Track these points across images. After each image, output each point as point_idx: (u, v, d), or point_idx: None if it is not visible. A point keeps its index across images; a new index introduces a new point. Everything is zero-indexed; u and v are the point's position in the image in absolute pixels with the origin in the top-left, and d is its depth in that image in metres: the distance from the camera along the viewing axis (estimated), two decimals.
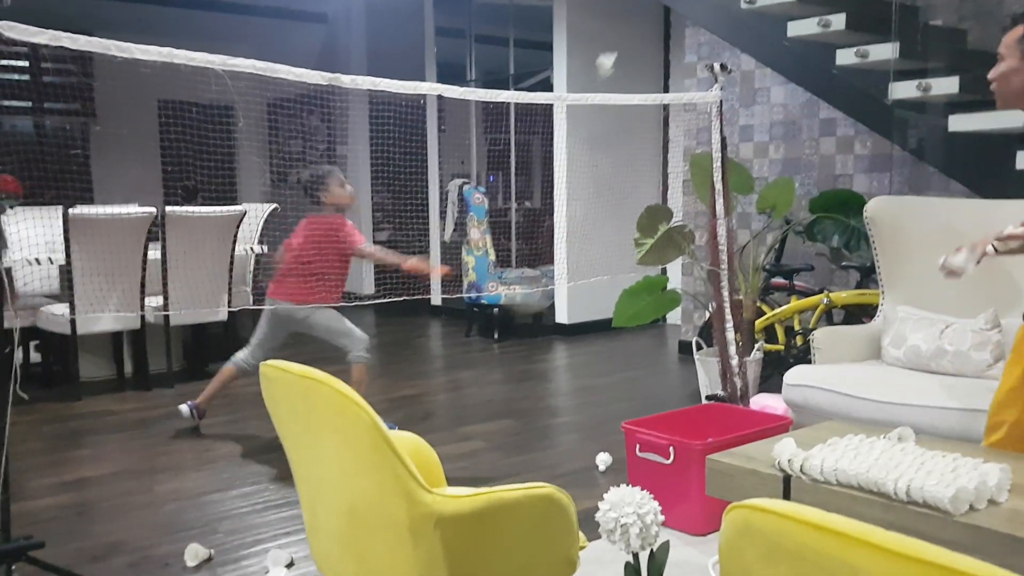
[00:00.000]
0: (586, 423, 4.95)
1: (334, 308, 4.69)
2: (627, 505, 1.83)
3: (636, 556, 1.92)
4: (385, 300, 5.32)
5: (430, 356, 7.26)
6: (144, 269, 5.61)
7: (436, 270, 5.01)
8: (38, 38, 2.54)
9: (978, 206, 3.90)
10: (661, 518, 1.88)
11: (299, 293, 4.57)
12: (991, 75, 2.58)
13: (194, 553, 3.14)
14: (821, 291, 5.28)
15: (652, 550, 1.94)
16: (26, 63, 9.29)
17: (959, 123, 4.13)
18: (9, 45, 2.54)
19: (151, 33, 5.24)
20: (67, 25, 2.77)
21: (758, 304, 5.28)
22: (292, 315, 4.61)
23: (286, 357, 2.24)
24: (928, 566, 0.93)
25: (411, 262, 4.62)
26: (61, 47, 2.60)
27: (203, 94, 3.75)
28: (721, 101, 4.39)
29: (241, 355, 4.73)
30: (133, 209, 5.64)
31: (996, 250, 2.46)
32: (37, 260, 5.44)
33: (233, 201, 6.80)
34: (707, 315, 5.31)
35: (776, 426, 3.41)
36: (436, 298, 8.85)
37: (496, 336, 7.50)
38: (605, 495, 1.89)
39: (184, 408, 4.78)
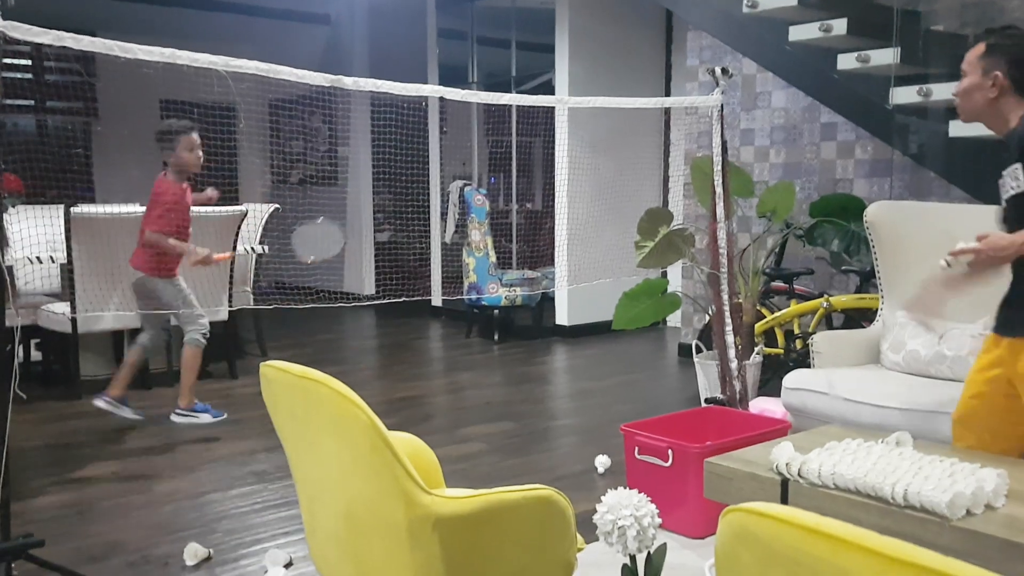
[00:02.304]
0: (585, 425, 4.96)
1: (180, 284, 4.72)
2: (624, 508, 1.83)
3: (633, 558, 1.93)
4: (385, 301, 5.32)
5: (430, 357, 7.27)
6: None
7: (220, 256, 4.78)
8: (41, 38, 2.55)
9: (978, 212, 3.90)
10: (658, 521, 1.89)
11: (142, 263, 4.64)
12: (954, 91, 2.67)
13: (193, 552, 3.15)
14: (821, 295, 5.29)
15: (649, 553, 1.95)
16: (29, 62, 9.30)
17: (960, 129, 4.13)
18: (13, 44, 2.55)
19: (154, 33, 5.25)
20: (70, 25, 2.78)
21: (758, 308, 5.28)
22: (143, 283, 4.67)
23: (286, 358, 2.25)
24: (922, 571, 0.94)
25: (198, 252, 4.58)
26: (64, 47, 2.61)
27: (205, 95, 3.76)
28: (722, 105, 4.39)
29: (140, 337, 4.86)
30: (134, 208, 5.64)
31: (948, 264, 2.47)
32: (38, 259, 5.45)
33: (234, 201, 6.80)
34: (707, 318, 5.32)
35: (775, 430, 3.41)
36: (436, 299, 8.86)
37: (496, 338, 7.51)
38: (603, 497, 1.90)
39: (99, 402, 4.74)
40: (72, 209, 5.31)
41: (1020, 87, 2.53)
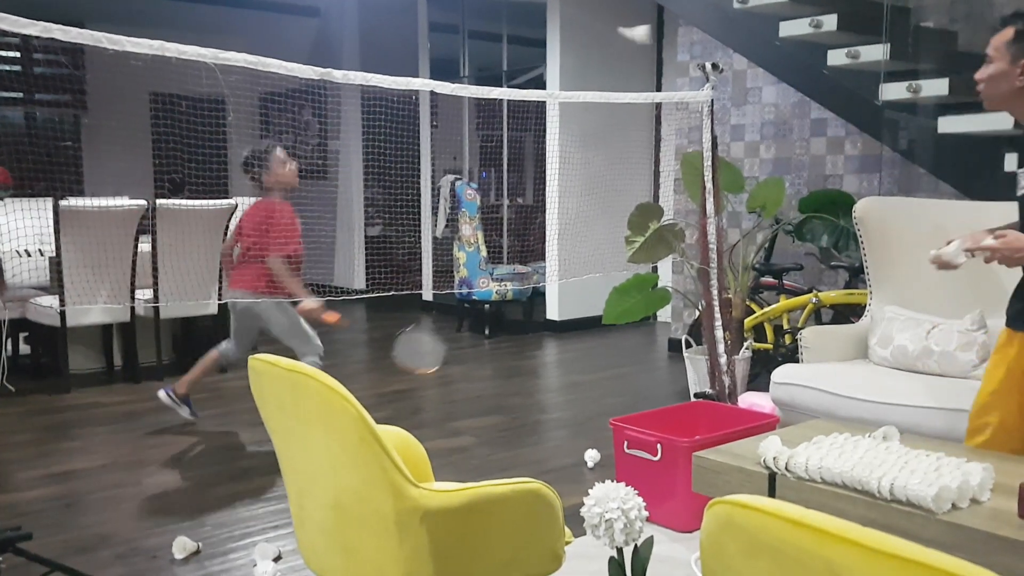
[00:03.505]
0: (575, 420, 4.97)
1: (291, 306, 4.45)
2: (612, 500, 1.84)
3: (620, 551, 1.93)
4: (375, 295, 5.31)
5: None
6: (134, 262, 5.60)
7: (329, 316, 4.38)
8: (29, 29, 2.54)
9: (966, 207, 3.92)
10: (645, 514, 1.90)
11: (251, 283, 4.37)
12: (978, 76, 2.57)
13: (182, 546, 3.15)
14: (810, 290, 5.30)
15: (636, 545, 1.95)
16: (17, 54, 9.25)
17: (948, 125, 4.15)
18: (1, 36, 2.54)
19: (143, 26, 5.23)
20: (59, 17, 2.76)
21: (747, 303, 5.30)
22: (249, 308, 4.40)
23: (277, 352, 2.25)
24: (904, 562, 0.95)
25: (308, 304, 4.31)
26: (52, 38, 2.60)
27: (195, 87, 3.74)
28: (712, 100, 4.40)
29: (224, 344, 4.68)
30: (124, 201, 5.63)
31: (971, 254, 2.44)
32: (27, 251, 5.43)
33: (224, 195, 6.78)
34: (697, 313, 5.33)
35: (763, 424, 3.42)
36: (427, 293, 8.86)
37: (487, 332, 7.51)
38: (590, 490, 1.91)
39: (160, 393, 4.68)
40: (60, 202, 5.29)
41: None
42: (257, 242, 4.34)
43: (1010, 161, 3.93)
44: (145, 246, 5.65)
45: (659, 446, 3.30)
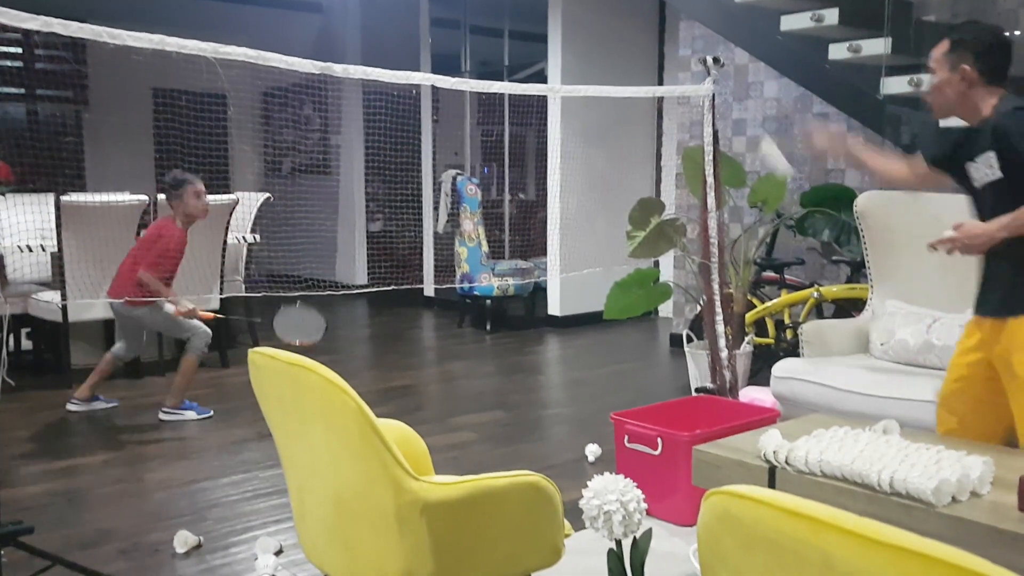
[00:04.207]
0: (576, 415, 4.97)
1: (165, 310, 4.82)
2: (610, 493, 1.84)
3: (619, 543, 1.94)
4: (377, 290, 5.31)
5: (422, 347, 7.28)
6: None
7: (204, 314, 4.85)
8: (30, 24, 2.54)
9: (968, 202, 3.91)
10: (644, 506, 1.90)
11: (125, 291, 4.71)
12: (924, 89, 2.80)
13: (183, 540, 3.16)
14: (811, 285, 5.30)
15: (635, 538, 1.96)
16: (19, 49, 9.25)
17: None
18: (1, 31, 2.54)
19: (146, 21, 5.23)
20: (60, 11, 2.76)
21: (749, 298, 5.30)
22: (126, 311, 4.79)
23: (275, 347, 2.25)
24: (899, 551, 0.95)
25: (183, 306, 4.75)
26: (53, 33, 2.60)
27: (197, 82, 3.75)
28: (714, 95, 4.39)
29: (116, 346, 4.98)
30: (125, 197, 5.63)
31: (934, 249, 2.60)
32: (28, 247, 5.43)
33: (226, 190, 6.79)
34: (698, 308, 5.33)
35: (763, 418, 3.43)
36: (428, 289, 8.86)
37: (488, 327, 7.51)
38: (589, 483, 1.91)
39: (69, 406, 4.94)
40: (62, 197, 5.29)
41: (988, 77, 2.61)
42: (139, 256, 4.75)
43: None
44: None
45: (660, 440, 3.30)
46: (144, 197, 5.63)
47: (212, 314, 4.92)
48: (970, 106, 2.65)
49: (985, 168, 2.58)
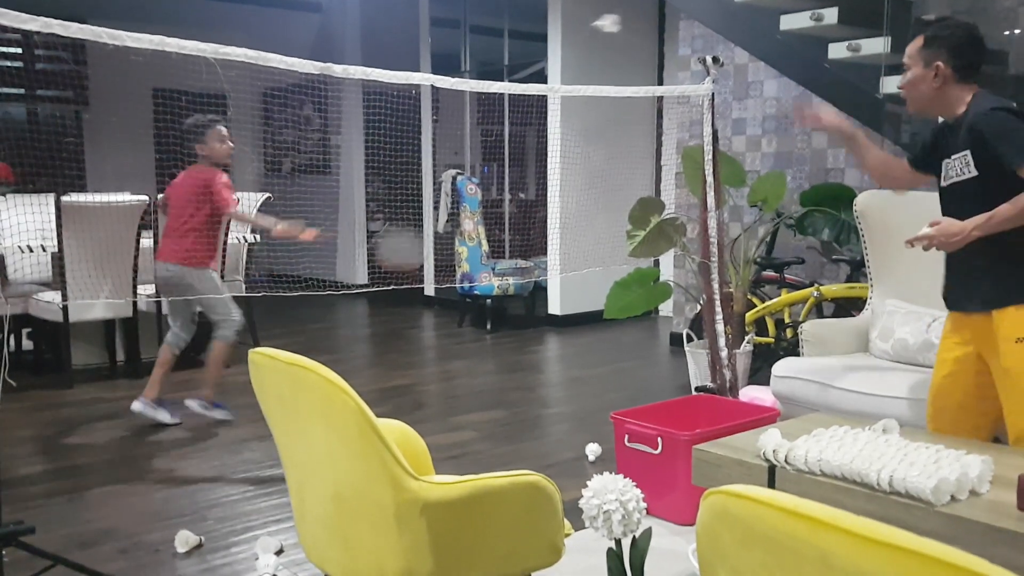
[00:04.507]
0: (576, 414, 4.97)
1: (216, 277, 4.67)
2: (610, 492, 1.85)
3: (618, 542, 1.94)
4: (377, 289, 5.32)
5: (422, 346, 7.28)
6: (136, 257, 5.62)
7: (307, 234, 4.59)
8: (30, 25, 2.54)
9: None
10: (643, 506, 1.91)
11: (176, 254, 4.56)
12: (899, 84, 2.79)
13: (184, 540, 3.16)
14: (811, 284, 5.31)
15: (634, 537, 1.96)
16: (19, 50, 9.25)
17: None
18: (2, 31, 2.54)
19: (145, 21, 5.23)
20: (60, 12, 2.77)
21: (749, 297, 5.30)
22: (173, 278, 4.60)
23: (279, 347, 2.26)
24: (896, 550, 0.95)
25: (281, 226, 4.50)
26: (53, 34, 2.60)
27: (197, 83, 3.75)
28: (713, 94, 4.40)
29: (168, 335, 4.80)
30: (126, 197, 5.64)
31: (911, 245, 2.62)
32: (29, 247, 5.44)
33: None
34: (698, 307, 5.33)
35: (763, 417, 3.43)
36: (429, 288, 8.87)
37: (488, 327, 7.52)
38: (589, 482, 1.92)
39: (136, 404, 4.68)
40: (63, 197, 5.30)
41: (962, 74, 2.64)
42: (195, 213, 4.56)
43: None
44: (147, 241, 5.66)
45: (660, 439, 3.30)
46: (144, 197, 5.63)
47: (314, 232, 4.55)
48: (944, 102, 2.67)
49: (961, 166, 2.60)
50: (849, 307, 5.06)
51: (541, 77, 7.81)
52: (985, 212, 2.49)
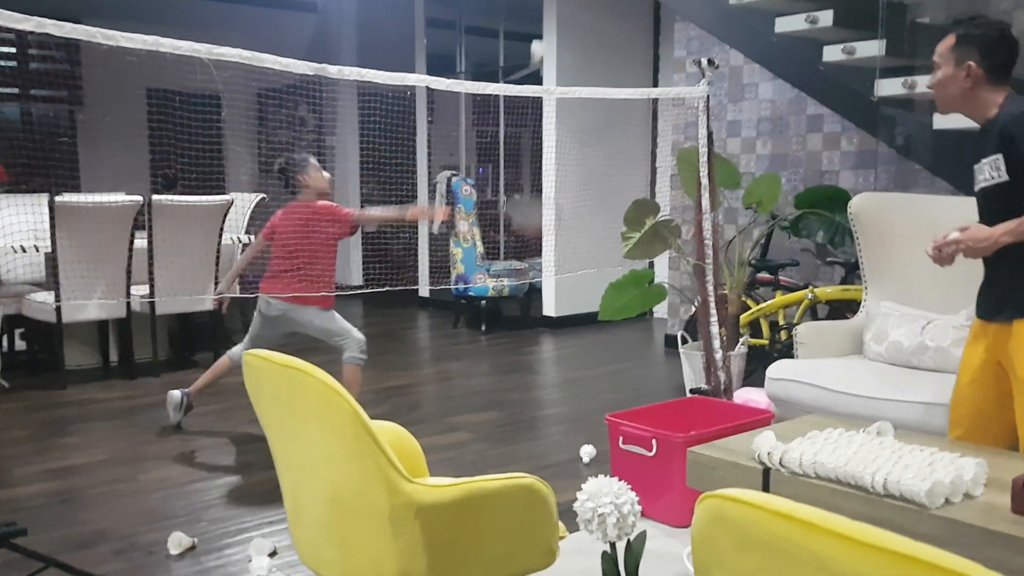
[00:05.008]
0: (571, 415, 4.97)
1: (335, 317, 4.52)
2: (605, 495, 1.84)
3: (613, 546, 1.94)
4: (372, 290, 5.31)
5: (417, 347, 7.27)
6: (130, 257, 5.60)
7: (439, 213, 4.85)
8: (24, 25, 2.54)
9: (962, 203, 3.92)
10: (638, 508, 1.90)
11: (292, 290, 4.38)
12: (929, 83, 2.72)
13: (178, 541, 3.15)
14: (806, 286, 5.31)
15: (629, 540, 1.96)
16: (13, 49, 9.23)
17: (944, 120, 4.15)
18: None
19: (140, 21, 5.22)
20: (55, 12, 2.76)
21: (743, 299, 5.31)
22: (286, 314, 4.42)
23: (274, 348, 2.25)
24: (892, 555, 0.95)
25: (413, 211, 4.57)
26: (47, 33, 2.60)
27: (191, 83, 3.74)
28: (708, 96, 4.40)
29: (236, 349, 4.64)
30: (120, 197, 5.63)
31: (939, 251, 2.59)
32: (22, 248, 5.42)
33: (220, 190, 6.77)
34: (693, 309, 5.33)
35: (758, 420, 3.43)
36: (424, 290, 8.86)
37: (483, 328, 7.51)
38: (584, 485, 1.91)
39: (176, 393, 4.62)
40: (56, 198, 5.28)
41: (994, 75, 2.59)
42: (302, 245, 4.39)
43: None
44: (141, 242, 5.65)
45: (654, 441, 3.30)
46: (138, 198, 5.62)
47: (446, 210, 4.92)
48: (975, 104, 2.62)
49: (991, 171, 2.55)
50: (843, 309, 5.06)
51: (536, 79, 7.81)
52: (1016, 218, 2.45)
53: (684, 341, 5.27)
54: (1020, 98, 2.59)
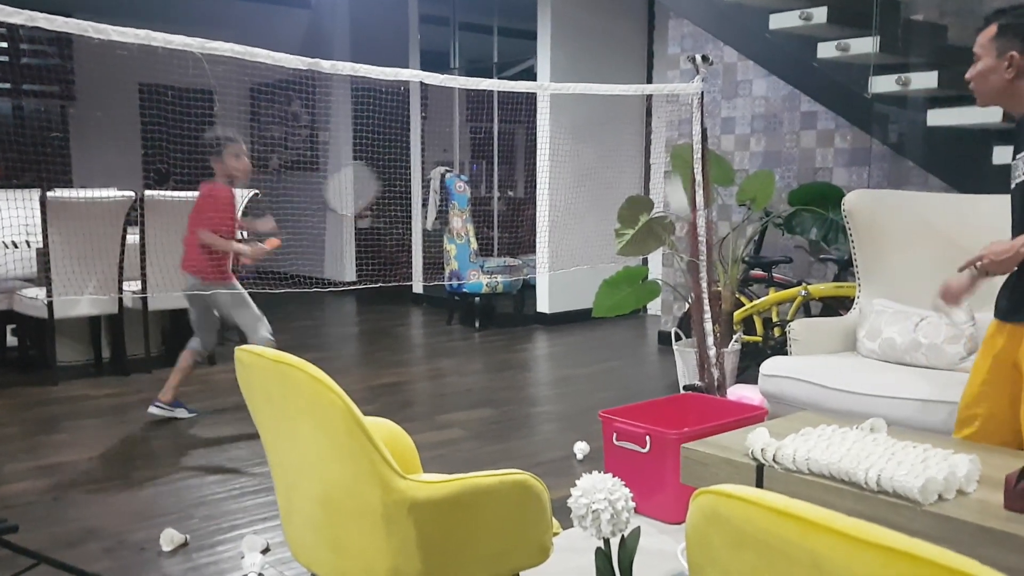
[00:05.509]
0: (565, 412, 4.97)
1: (236, 287, 4.67)
2: (599, 491, 1.84)
3: (607, 542, 1.94)
4: (365, 287, 5.30)
5: (411, 344, 7.26)
6: (122, 253, 5.58)
7: (269, 243, 4.71)
8: (15, 19, 2.52)
9: (955, 201, 3.93)
10: (632, 505, 1.90)
11: (198, 265, 4.60)
12: (969, 75, 2.63)
13: (169, 538, 3.14)
14: (799, 283, 5.32)
15: (623, 536, 1.96)
16: (4, 44, 9.19)
17: (938, 118, 4.16)
18: None
19: (133, 16, 5.20)
20: (45, 6, 2.74)
21: (737, 296, 5.31)
22: (194, 288, 4.62)
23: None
24: (888, 552, 0.95)
25: (249, 250, 4.63)
26: (39, 28, 2.58)
27: (183, 78, 3.73)
28: (702, 93, 4.40)
29: (192, 340, 4.77)
30: (112, 193, 5.60)
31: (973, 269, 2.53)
32: (14, 243, 5.39)
33: None
34: (686, 306, 5.33)
35: (751, 416, 3.43)
36: (417, 286, 8.85)
37: (477, 325, 7.51)
38: (577, 482, 1.91)
39: (154, 411, 4.71)
40: (48, 193, 5.26)
41: None
42: (194, 222, 4.61)
43: (999, 154, 3.94)
44: (133, 237, 5.62)
45: (648, 438, 3.30)
46: (131, 193, 5.60)
47: (277, 242, 4.76)
48: (1016, 96, 2.55)
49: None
50: (837, 306, 5.07)
51: (530, 75, 7.80)
52: None
53: (678, 338, 5.27)
54: None
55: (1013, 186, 2.58)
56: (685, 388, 4.93)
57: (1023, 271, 2.57)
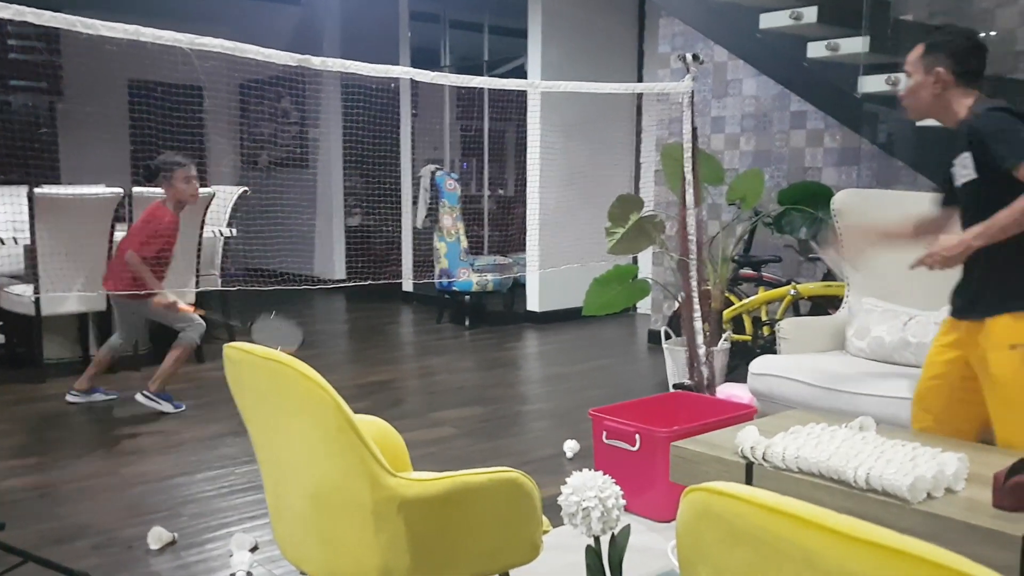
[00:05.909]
0: (555, 410, 4.97)
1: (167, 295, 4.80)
2: (589, 489, 1.84)
3: (597, 540, 1.94)
4: (355, 284, 5.29)
5: (401, 342, 7.25)
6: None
7: (184, 307, 4.85)
8: (2, 13, 2.50)
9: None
10: (622, 503, 1.90)
11: (119, 286, 4.73)
12: (900, 93, 2.80)
13: (158, 536, 3.13)
14: (788, 282, 5.33)
15: (613, 534, 1.96)
16: None
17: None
18: None
19: (122, 12, 5.17)
20: (35, 1, 2.72)
21: (726, 294, 5.32)
22: (122, 306, 4.82)
23: (252, 341, 2.23)
24: (880, 549, 0.95)
25: (162, 298, 4.71)
26: (26, 23, 2.56)
27: (173, 74, 3.71)
28: (693, 92, 4.41)
29: (112, 338, 4.94)
30: (100, 189, 5.57)
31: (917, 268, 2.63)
32: (1, 240, 5.36)
33: (202, 183, 6.72)
34: (676, 305, 5.34)
35: (741, 414, 3.44)
36: (407, 284, 8.84)
37: (467, 323, 7.50)
38: (568, 479, 1.91)
39: (70, 398, 4.92)
40: (36, 190, 5.23)
41: (962, 79, 2.65)
42: (129, 239, 4.76)
43: None
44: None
45: (637, 436, 3.30)
46: (119, 190, 5.57)
47: (193, 308, 4.91)
48: (945, 108, 2.68)
49: (962, 169, 2.60)
50: (826, 305, 5.08)
51: (521, 73, 7.79)
52: (987, 217, 2.47)
53: (667, 336, 5.28)
54: (988, 100, 2.63)
55: (959, 185, 2.66)
56: (675, 386, 4.94)
57: (975, 272, 2.64)
